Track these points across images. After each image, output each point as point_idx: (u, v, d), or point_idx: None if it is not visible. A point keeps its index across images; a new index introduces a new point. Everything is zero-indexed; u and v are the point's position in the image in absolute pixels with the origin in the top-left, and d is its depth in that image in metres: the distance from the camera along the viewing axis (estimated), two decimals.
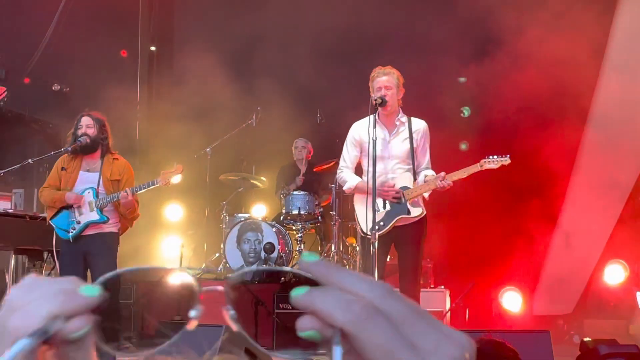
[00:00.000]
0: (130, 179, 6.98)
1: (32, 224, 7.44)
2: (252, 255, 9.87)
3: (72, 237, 6.73)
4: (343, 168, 6.38)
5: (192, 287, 0.93)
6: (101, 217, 6.77)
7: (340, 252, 9.97)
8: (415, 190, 6.16)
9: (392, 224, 6.13)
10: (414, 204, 6.18)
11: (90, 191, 6.78)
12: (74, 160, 6.87)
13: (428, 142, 6.36)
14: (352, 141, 6.35)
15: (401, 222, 6.17)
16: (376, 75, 6.20)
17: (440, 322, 0.77)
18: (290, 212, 10.04)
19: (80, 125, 6.85)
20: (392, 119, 6.23)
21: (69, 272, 6.77)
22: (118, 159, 6.99)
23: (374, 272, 5.60)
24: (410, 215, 6.15)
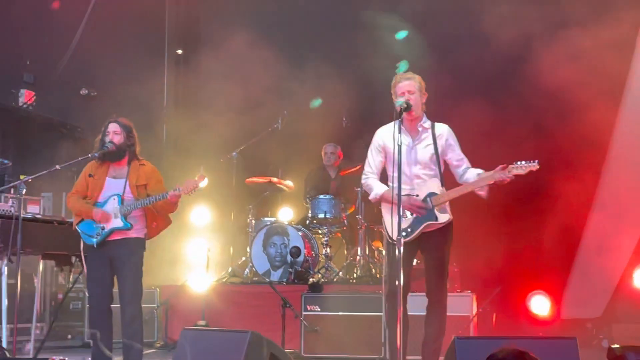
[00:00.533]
0: (158, 183, 7.00)
1: (60, 229, 7.50)
2: (279, 259, 9.90)
3: (96, 243, 6.77)
4: (369, 174, 6.35)
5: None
6: (125, 224, 6.79)
7: (367, 256, 9.96)
8: (444, 196, 6.12)
9: (420, 230, 6.11)
10: (442, 210, 6.15)
11: (116, 198, 6.81)
12: (101, 166, 6.91)
13: (456, 143, 6.31)
14: (377, 147, 6.32)
15: (429, 228, 6.14)
16: (398, 80, 6.18)
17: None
18: (317, 216, 10.05)
19: (107, 131, 6.89)
20: (415, 124, 6.21)
21: (96, 276, 6.82)
22: (145, 164, 7.01)
23: (400, 277, 5.58)
24: (438, 222, 6.12)
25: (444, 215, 6.12)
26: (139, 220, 6.90)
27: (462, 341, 5.45)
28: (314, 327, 8.60)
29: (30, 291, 8.57)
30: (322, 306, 8.72)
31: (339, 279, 9.78)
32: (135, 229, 6.85)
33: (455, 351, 5.35)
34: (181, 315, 9.26)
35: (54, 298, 10.20)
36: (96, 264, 6.82)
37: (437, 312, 6.17)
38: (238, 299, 9.38)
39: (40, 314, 9.54)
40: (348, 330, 8.53)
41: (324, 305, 8.72)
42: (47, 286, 10.14)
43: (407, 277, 6.03)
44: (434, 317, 6.16)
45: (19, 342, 7.95)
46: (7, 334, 7.06)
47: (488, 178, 6.00)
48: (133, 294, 6.81)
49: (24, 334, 8.35)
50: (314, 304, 8.74)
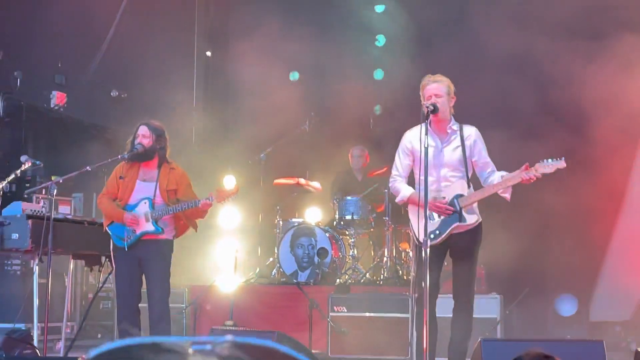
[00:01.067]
0: (188, 188, 7.07)
1: (90, 229, 7.59)
2: (306, 260, 9.93)
3: (127, 246, 6.86)
4: (396, 177, 6.36)
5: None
6: (157, 228, 6.87)
7: (394, 257, 9.97)
8: (471, 197, 6.12)
9: (448, 233, 6.11)
10: (469, 211, 6.15)
11: (147, 202, 6.88)
12: (131, 168, 6.98)
13: (484, 145, 6.31)
14: (404, 150, 6.33)
15: (457, 230, 6.14)
16: (426, 83, 6.18)
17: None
18: (344, 218, 10.07)
19: (137, 134, 6.97)
20: (444, 126, 6.21)
21: (125, 277, 6.91)
22: (175, 168, 7.07)
23: (426, 279, 5.60)
24: (465, 223, 6.12)
25: (471, 217, 6.13)
26: (169, 223, 6.98)
27: (489, 343, 5.47)
28: (341, 328, 8.63)
29: (61, 291, 8.67)
30: (349, 307, 8.75)
31: (366, 280, 9.80)
32: (165, 231, 6.93)
33: (481, 353, 5.37)
34: (209, 315, 9.33)
35: (84, 297, 10.31)
36: (125, 264, 6.90)
37: (464, 314, 6.18)
38: (265, 300, 9.43)
39: (70, 313, 9.64)
40: (375, 331, 8.54)
41: (351, 306, 8.75)
42: (77, 286, 10.26)
43: (436, 279, 6.04)
44: (461, 319, 6.17)
45: (50, 340, 8.04)
46: (38, 332, 7.15)
47: (514, 178, 6.00)
48: (161, 293, 6.89)
49: (54, 332, 8.45)
50: (341, 305, 8.77)
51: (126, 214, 6.84)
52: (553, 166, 5.92)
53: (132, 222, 6.82)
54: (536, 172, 5.92)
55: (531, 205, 9.44)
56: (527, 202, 9.32)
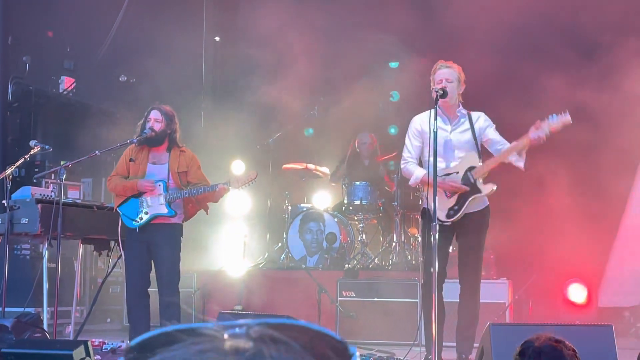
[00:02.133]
0: (198, 170, 7.08)
1: (100, 213, 7.60)
2: (315, 245, 9.94)
3: (138, 227, 6.86)
4: (408, 159, 6.38)
5: None
6: (170, 211, 6.88)
7: (402, 242, 9.97)
8: (484, 166, 6.13)
9: (466, 206, 6.11)
10: (485, 182, 6.18)
11: (161, 184, 6.89)
12: (141, 151, 6.99)
13: (493, 125, 6.33)
14: (414, 133, 6.35)
15: (473, 207, 6.14)
16: (438, 68, 6.21)
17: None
18: (352, 203, 10.07)
19: (149, 118, 6.97)
20: (453, 111, 6.23)
21: (135, 261, 6.93)
22: (185, 151, 7.09)
23: (435, 263, 5.60)
24: (482, 194, 6.13)
25: (486, 187, 6.14)
26: (179, 206, 6.99)
27: (497, 327, 5.46)
28: (350, 313, 8.65)
29: (70, 275, 8.70)
30: (357, 292, 8.77)
31: (375, 265, 9.81)
32: (176, 216, 6.94)
33: (490, 338, 5.36)
34: (218, 300, 9.35)
35: (93, 282, 10.35)
36: (134, 248, 6.92)
37: (471, 299, 6.19)
38: (274, 285, 9.44)
39: (80, 298, 9.69)
40: (383, 316, 8.56)
41: (359, 291, 8.76)
42: (86, 270, 10.30)
43: (443, 264, 6.05)
44: (468, 304, 6.18)
45: (60, 324, 8.09)
46: (48, 316, 7.19)
47: (523, 140, 5.99)
48: (170, 278, 6.91)
49: (64, 317, 8.49)
50: (350, 290, 8.79)
51: (140, 181, 6.83)
52: (559, 121, 5.89)
53: (149, 188, 6.80)
54: (543, 130, 5.89)
55: (541, 190, 9.42)
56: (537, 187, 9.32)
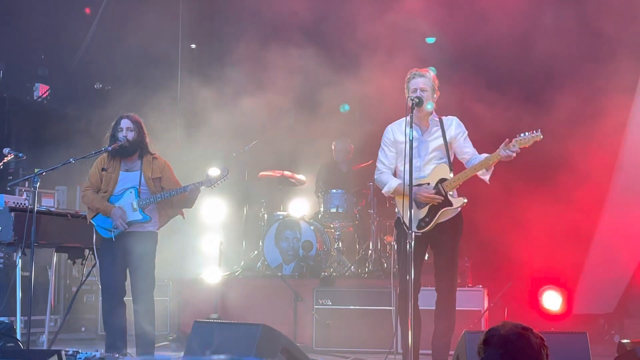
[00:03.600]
0: (171, 176, 7.07)
1: (74, 221, 7.54)
2: (291, 253, 9.93)
3: (114, 236, 6.83)
4: (382, 169, 6.39)
5: None
6: (144, 216, 6.86)
7: (378, 250, 9.98)
8: (455, 180, 6.14)
9: (437, 218, 6.12)
10: (454, 195, 6.20)
11: (132, 191, 6.87)
12: (113, 160, 6.97)
13: (465, 132, 6.35)
14: (388, 142, 6.37)
15: (445, 217, 6.16)
16: (412, 77, 6.23)
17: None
18: (329, 210, 10.08)
19: (120, 127, 6.95)
20: (426, 119, 6.25)
21: (109, 270, 6.88)
22: (157, 158, 7.08)
23: (411, 271, 5.60)
24: (452, 207, 6.15)
25: (458, 200, 6.15)
26: (154, 214, 6.96)
27: (472, 335, 5.47)
28: (326, 321, 8.64)
29: (44, 284, 8.63)
30: (333, 300, 8.76)
31: (351, 273, 9.81)
32: (151, 222, 6.92)
33: (465, 345, 5.37)
34: (194, 308, 9.30)
35: (67, 290, 10.26)
36: (109, 257, 6.88)
37: (447, 306, 6.20)
38: (250, 293, 9.41)
39: (54, 306, 9.61)
40: (359, 324, 8.56)
41: (335, 299, 8.76)
42: (61, 279, 10.21)
43: (418, 272, 6.05)
44: (444, 311, 6.19)
45: (33, 334, 8.01)
46: (22, 325, 7.11)
47: (494, 156, 6.03)
48: (146, 286, 6.88)
49: (38, 326, 8.42)
50: (326, 298, 8.78)
51: (114, 211, 6.81)
52: (530, 139, 5.95)
53: (118, 219, 6.79)
54: (514, 147, 5.94)
55: (516, 198, 9.47)
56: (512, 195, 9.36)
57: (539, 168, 9.43)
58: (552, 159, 9.42)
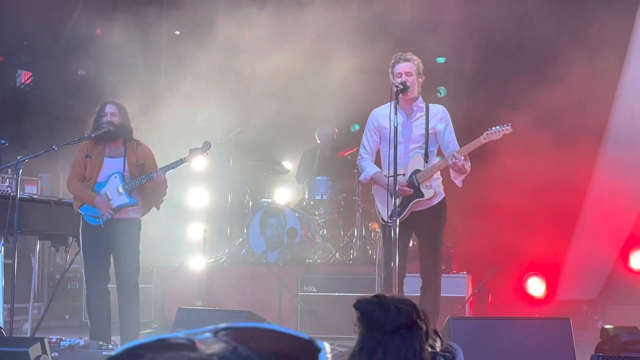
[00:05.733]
0: (153, 164, 7.05)
1: (57, 209, 7.50)
2: (275, 240, 9.92)
3: (103, 223, 6.80)
4: (364, 155, 6.41)
5: None
6: (131, 199, 6.84)
7: (363, 237, 9.99)
8: (427, 172, 6.16)
9: (409, 209, 6.14)
10: (427, 187, 6.19)
11: (117, 175, 6.85)
12: (97, 146, 6.93)
13: (450, 124, 6.34)
14: (372, 128, 6.37)
15: (419, 207, 6.17)
16: (396, 61, 6.20)
17: None
18: (313, 198, 10.07)
19: (104, 112, 6.91)
20: (410, 104, 6.24)
21: (93, 257, 6.86)
22: (141, 144, 7.05)
23: (395, 259, 5.61)
24: (424, 198, 6.16)
25: (429, 191, 6.17)
26: (139, 197, 6.93)
27: (456, 321, 5.49)
28: (310, 308, 8.65)
29: (27, 271, 8.59)
30: (318, 287, 8.77)
31: (335, 260, 9.82)
32: (135, 207, 6.89)
33: (449, 331, 5.39)
34: (178, 295, 9.30)
35: (51, 278, 10.23)
36: (93, 244, 6.85)
37: (431, 292, 6.21)
38: (235, 280, 9.41)
39: (37, 294, 9.57)
40: (344, 310, 8.56)
41: (320, 286, 8.77)
42: (44, 266, 10.17)
43: (402, 259, 6.06)
44: (428, 297, 6.20)
45: (17, 322, 7.96)
46: (5, 313, 7.07)
47: (464, 149, 6.06)
48: (130, 273, 6.86)
49: (21, 313, 8.38)
50: (310, 285, 8.79)
51: (98, 198, 6.78)
52: (500, 132, 6.00)
53: (103, 207, 6.76)
54: (484, 140, 5.99)
55: (500, 185, 9.48)
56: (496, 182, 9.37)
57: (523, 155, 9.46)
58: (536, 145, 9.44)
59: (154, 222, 7.94)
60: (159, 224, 9.52)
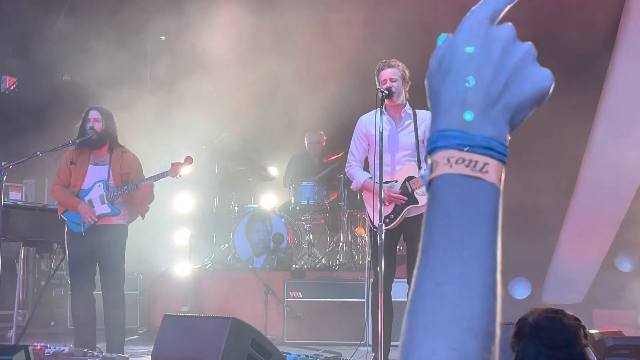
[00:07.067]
0: (140, 171, 7.03)
1: (42, 215, 7.47)
2: (261, 246, 9.91)
3: (84, 230, 6.77)
4: (352, 162, 6.41)
5: None
6: (113, 209, 6.82)
7: (349, 242, 9.99)
8: (421, 178, 6.17)
9: (402, 215, 6.15)
10: (422, 193, 6.20)
11: (101, 184, 6.83)
12: (82, 153, 6.91)
13: None
14: (360, 134, 6.37)
15: (412, 213, 6.18)
16: (381, 67, 6.21)
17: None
18: (300, 203, 10.06)
19: (88, 118, 6.89)
20: (399, 111, 6.24)
21: (78, 263, 6.83)
22: (126, 152, 7.03)
23: (382, 264, 5.61)
24: (419, 205, 6.17)
25: (423, 198, 6.17)
26: (123, 207, 6.91)
27: None
28: (297, 314, 8.64)
29: (12, 278, 8.54)
30: (304, 292, 8.76)
31: (322, 265, 9.81)
32: (120, 215, 6.87)
33: None
34: (164, 301, 9.27)
35: (36, 285, 10.17)
36: (78, 251, 6.82)
37: None
38: (221, 286, 9.39)
39: (22, 301, 9.52)
40: (330, 316, 8.57)
41: (306, 291, 8.76)
42: (29, 273, 10.12)
43: (391, 264, 6.07)
44: None
45: (1, 329, 7.94)
46: None
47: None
48: (115, 280, 6.83)
49: (6, 320, 8.34)
50: (297, 290, 8.78)
51: (81, 204, 6.76)
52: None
53: (86, 213, 6.74)
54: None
55: None
56: None
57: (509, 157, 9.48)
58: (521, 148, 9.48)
59: (140, 228, 7.92)
60: (145, 230, 9.50)
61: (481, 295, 0.92)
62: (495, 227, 1.01)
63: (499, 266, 0.98)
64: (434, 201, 0.98)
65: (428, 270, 0.93)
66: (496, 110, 0.96)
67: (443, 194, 0.97)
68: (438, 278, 0.92)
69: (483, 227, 0.97)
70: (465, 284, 0.91)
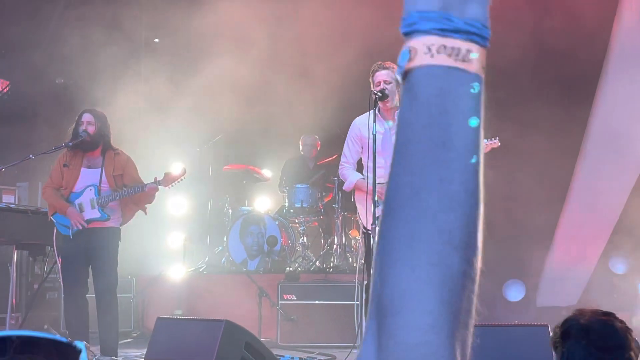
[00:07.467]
0: (134, 173, 7.02)
1: (35, 218, 7.46)
2: (255, 249, 9.90)
3: (72, 234, 6.76)
4: (345, 164, 6.41)
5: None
6: (102, 214, 6.80)
7: (343, 245, 9.98)
8: None
9: None
10: None
11: (92, 188, 6.81)
12: (75, 156, 6.89)
13: None
14: (353, 136, 6.38)
15: None
16: (376, 69, 6.22)
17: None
18: (293, 205, 10.05)
19: (81, 121, 6.88)
20: (393, 113, 6.25)
21: (72, 267, 6.81)
22: (120, 154, 7.02)
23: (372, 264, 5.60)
24: None
25: None
26: (115, 210, 6.90)
27: None
28: (291, 316, 8.62)
29: (5, 281, 8.52)
30: (298, 295, 8.74)
31: (316, 268, 9.80)
32: (112, 218, 6.85)
33: None
34: (158, 304, 9.25)
35: (29, 288, 10.13)
36: (71, 254, 6.81)
37: None
38: (215, 289, 9.37)
39: (15, 304, 9.48)
40: (324, 319, 8.56)
41: (300, 294, 8.74)
42: (22, 276, 10.07)
43: None
44: None
45: None
46: None
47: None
48: (108, 283, 6.82)
49: None
50: (291, 293, 8.76)
51: (70, 208, 6.74)
52: (487, 145, 6.03)
53: (75, 217, 6.72)
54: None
55: None
56: None
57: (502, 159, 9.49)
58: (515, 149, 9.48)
59: (133, 231, 7.90)
60: (139, 232, 9.48)
61: (462, 204, 0.87)
62: (479, 125, 0.93)
63: (481, 168, 0.94)
64: (413, 95, 0.92)
65: (407, 175, 0.89)
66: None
67: (424, 89, 0.91)
68: (417, 184, 0.88)
69: (466, 126, 0.90)
70: (445, 190, 0.87)
